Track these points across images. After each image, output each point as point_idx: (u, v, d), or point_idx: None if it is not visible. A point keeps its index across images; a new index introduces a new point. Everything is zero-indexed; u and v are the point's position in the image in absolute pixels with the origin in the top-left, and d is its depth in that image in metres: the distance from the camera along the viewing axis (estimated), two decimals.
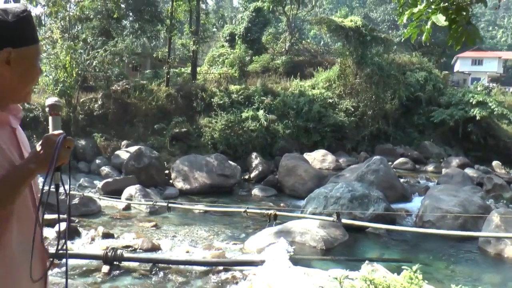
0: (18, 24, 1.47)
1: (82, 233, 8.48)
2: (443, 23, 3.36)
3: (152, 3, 24.00)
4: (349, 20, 23.58)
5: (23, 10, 1.50)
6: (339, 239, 8.16)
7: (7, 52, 1.44)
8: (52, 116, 1.61)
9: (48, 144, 1.44)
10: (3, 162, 1.44)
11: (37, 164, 1.43)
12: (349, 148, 21.00)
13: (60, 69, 18.12)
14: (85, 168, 15.85)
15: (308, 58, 31.61)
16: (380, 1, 52.49)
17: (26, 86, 1.55)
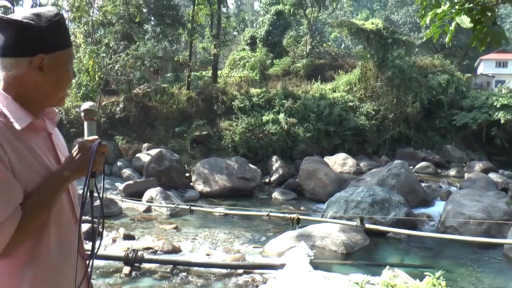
0: (51, 29, 1.46)
1: (104, 234, 8.54)
2: (467, 24, 3.30)
3: (173, 7, 24.20)
4: (370, 23, 23.43)
5: (56, 14, 1.49)
6: (360, 243, 8.08)
7: (39, 58, 1.44)
8: (87, 121, 1.60)
9: (83, 150, 1.45)
10: (40, 168, 1.45)
11: (72, 171, 1.45)
12: (370, 152, 20.84)
13: (83, 73, 18.40)
14: (107, 170, 16.02)
15: (329, 61, 31.49)
16: (402, 3, 51.98)
17: (60, 91, 1.55)
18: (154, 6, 23.39)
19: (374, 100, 22.46)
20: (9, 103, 1.45)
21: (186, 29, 24.54)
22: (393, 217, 8.99)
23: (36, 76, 1.45)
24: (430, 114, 23.57)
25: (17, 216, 1.33)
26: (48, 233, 1.46)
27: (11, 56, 1.44)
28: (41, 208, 1.40)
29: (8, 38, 1.44)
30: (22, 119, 1.44)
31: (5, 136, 1.37)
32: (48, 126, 1.57)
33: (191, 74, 23.30)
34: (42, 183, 1.42)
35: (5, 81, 1.49)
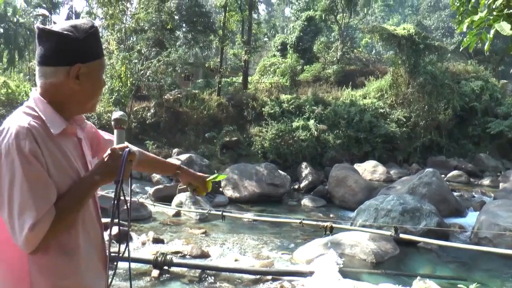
0: (87, 40, 1.57)
1: (133, 238, 8.67)
2: (508, 31, 3.20)
3: (205, 14, 24.43)
4: (402, 28, 23.10)
5: (91, 26, 1.60)
6: (390, 252, 7.96)
7: (77, 67, 1.55)
8: (117, 129, 1.69)
9: (113, 157, 1.55)
10: (71, 172, 1.57)
11: (102, 176, 1.55)
12: (401, 160, 20.50)
13: (115, 79, 18.71)
14: (137, 174, 16.18)
15: (359, 67, 31.24)
16: (434, 8, 51.19)
17: (92, 99, 1.68)
18: (186, 13, 23.66)
19: (405, 106, 22.13)
20: (46, 108, 1.56)
21: (217, 36, 24.74)
22: (424, 226, 8.82)
23: (73, 84, 1.57)
24: (463, 121, 23.06)
25: (51, 214, 1.44)
26: (76, 232, 1.58)
27: (50, 65, 1.55)
28: (72, 208, 1.51)
29: (48, 48, 1.54)
30: (57, 125, 1.55)
31: (43, 139, 1.48)
32: (79, 132, 1.69)
33: (221, 80, 23.47)
34: (74, 186, 1.54)
35: (42, 88, 1.59)
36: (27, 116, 1.52)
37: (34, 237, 1.41)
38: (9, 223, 1.43)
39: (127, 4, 24.15)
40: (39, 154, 1.45)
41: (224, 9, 24.46)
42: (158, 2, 22.58)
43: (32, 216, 1.40)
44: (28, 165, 1.42)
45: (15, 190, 1.41)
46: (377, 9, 57.82)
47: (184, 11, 23.63)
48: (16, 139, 1.43)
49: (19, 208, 1.41)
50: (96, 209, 1.73)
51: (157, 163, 2.26)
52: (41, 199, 1.43)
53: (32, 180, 1.42)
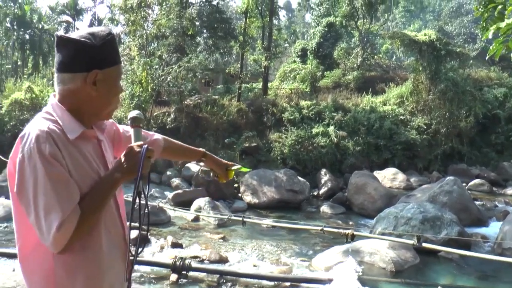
0: (104, 47, 1.61)
1: (152, 242, 8.73)
2: None
3: (226, 20, 24.56)
4: (423, 34, 22.85)
5: (108, 33, 1.64)
6: (410, 261, 7.86)
7: (94, 73, 1.59)
8: (133, 128, 1.74)
9: (132, 154, 1.58)
10: (91, 173, 1.61)
11: (122, 173, 1.58)
12: (421, 167, 20.20)
13: (136, 84, 18.93)
14: (157, 179, 16.36)
15: (379, 73, 31.02)
16: (456, 14, 50.72)
17: (110, 105, 1.71)
18: (207, 19, 23.81)
19: (426, 114, 21.85)
20: (63, 114, 1.60)
21: (237, 42, 24.83)
22: (445, 236, 8.68)
23: (90, 90, 1.60)
24: (485, 129, 22.65)
25: (76, 214, 1.48)
26: (98, 231, 1.62)
27: (68, 71, 1.60)
28: (95, 207, 1.55)
29: (66, 55, 1.59)
30: (74, 130, 1.59)
31: (62, 142, 1.53)
32: (98, 133, 1.73)
33: (241, 86, 23.54)
34: (96, 185, 1.58)
35: (60, 94, 1.64)
36: (46, 121, 1.57)
37: (61, 236, 1.45)
38: (36, 224, 1.47)
39: (149, 10, 24.48)
40: (59, 156, 1.50)
41: (244, 15, 24.59)
42: (179, 9, 22.82)
43: (58, 216, 1.44)
44: (50, 167, 1.46)
45: (39, 192, 1.45)
46: (398, 15, 57.52)
47: (205, 17, 23.80)
48: (37, 143, 1.47)
49: (45, 209, 1.45)
50: (118, 209, 1.75)
51: (182, 150, 2.32)
52: (65, 199, 1.47)
53: (54, 181, 1.46)
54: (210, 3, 25.27)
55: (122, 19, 24.82)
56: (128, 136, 1.91)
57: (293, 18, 74.22)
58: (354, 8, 29.94)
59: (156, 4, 25.10)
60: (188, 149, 2.33)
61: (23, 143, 1.50)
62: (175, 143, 2.26)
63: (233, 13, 35.82)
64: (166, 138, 2.19)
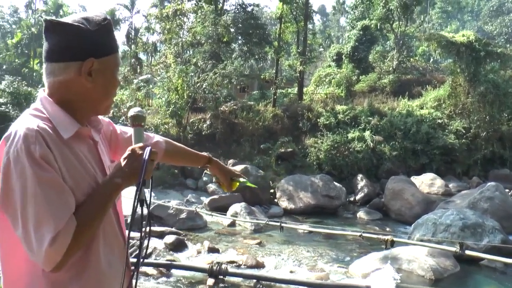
0: (99, 33, 1.43)
1: (189, 246, 8.83)
2: None
3: (260, 26, 24.70)
4: (461, 35, 22.33)
5: (104, 19, 1.46)
6: (450, 269, 7.68)
7: (90, 62, 1.40)
8: (134, 127, 1.56)
9: (133, 157, 1.41)
10: (88, 178, 1.42)
11: (123, 179, 1.40)
12: (460, 172, 19.65)
13: (172, 92, 19.21)
14: (193, 185, 16.54)
15: (416, 76, 30.56)
16: (497, 13, 49.39)
17: (107, 98, 1.52)
18: (241, 25, 24.01)
19: (465, 117, 21.29)
20: (55, 110, 1.41)
21: (272, 47, 24.94)
22: (487, 243, 8.42)
23: (85, 82, 1.42)
24: None
25: (72, 226, 1.28)
26: (97, 244, 1.43)
27: (60, 60, 1.41)
28: (93, 217, 1.35)
29: (57, 42, 1.40)
30: (69, 127, 1.40)
31: (54, 143, 1.33)
32: (94, 134, 1.53)
33: (277, 91, 23.60)
34: (94, 192, 1.39)
35: (50, 87, 1.44)
36: (35, 118, 1.37)
37: (55, 252, 1.24)
38: (24, 239, 1.26)
39: (184, 18, 24.86)
40: (51, 158, 1.30)
41: (279, 21, 24.71)
42: (214, 16, 23.09)
43: (51, 228, 1.24)
44: (41, 171, 1.26)
45: (28, 201, 1.25)
46: (434, 16, 56.41)
47: (240, 23, 24.00)
48: (25, 144, 1.27)
49: (35, 221, 1.24)
50: (117, 218, 1.57)
51: (186, 154, 2.11)
52: (59, 208, 1.27)
53: (46, 187, 1.26)
54: (245, 9, 25.49)
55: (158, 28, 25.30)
56: (126, 138, 1.74)
57: (328, 22, 73.91)
58: (389, 11, 29.64)
59: (191, 12, 25.52)
60: (192, 154, 2.12)
61: (8, 145, 1.29)
62: (178, 147, 2.06)
63: (267, 18, 35.98)
64: (168, 140, 1.98)
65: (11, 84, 19.77)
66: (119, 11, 46.14)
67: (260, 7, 32.73)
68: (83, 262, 1.38)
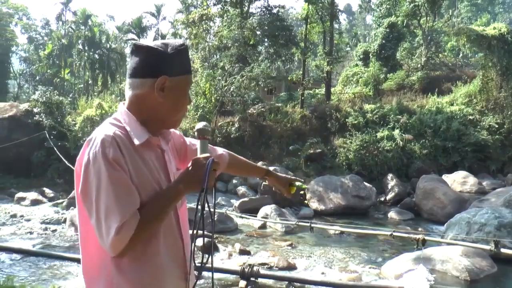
0: (175, 56, 1.63)
1: (220, 249, 8.92)
2: None
3: (286, 28, 24.67)
4: (492, 28, 21.80)
5: (181, 44, 1.67)
6: (486, 270, 7.50)
7: (163, 79, 1.60)
8: (200, 140, 1.73)
9: (197, 166, 1.58)
10: (152, 181, 1.62)
11: (186, 185, 1.59)
12: (494, 170, 19.10)
13: (200, 96, 19.43)
14: (223, 188, 16.67)
15: (445, 72, 30.05)
16: None
17: (176, 114, 1.71)
18: (267, 27, 24.02)
19: (497, 112, 20.75)
20: (131, 120, 1.63)
21: (299, 48, 24.90)
22: None
23: (158, 96, 1.61)
24: None
25: (136, 219, 1.49)
26: (157, 241, 1.62)
27: (138, 76, 1.62)
28: (155, 216, 1.55)
29: (138, 61, 1.62)
30: (140, 135, 1.61)
31: (126, 148, 1.55)
32: (162, 143, 1.73)
33: (304, 92, 23.57)
34: (157, 195, 1.59)
35: (129, 100, 1.66)
36: (113, 126, 1.60)
37: (119, 240, 1.46)
38: (97, 227, 1.49)
39: (210, 23, 25.07)
40: (122, 161, 1.52)
41: (305, 21, 24.66)
42: (240, 19, 23.19)
43: (117, 219, 1.45)
44: (113, 170, 1.48)
45: (101, 194, 1.47)
46: (463, 10, 55.35)
47: (266, 26, 24.02)
48: (102, 147, 1.50)
49: (106, 212, 1.46)
50: (177, 220, 1.74)
51: (246, 167, 2.31)
52: (126, 203, 1.49)
53: (116, 184, 1.48)
54: (271, 11, 25.51)
55: (185, 33, 25.57)
56: (194, 149, 1.91)
57: (354, 21, 73.39)
58: (416, 6, 29.24)
59: (217, 17, 25.71)
60: (252, 167, 2.34)
61: (89, 147, 1.53)
62: (240, 160, 2.27)
63: (293, 20, 35.94)
64: (231, 153, 2.21)
65: (44, 94, 20.25)
66: (145, 18, 46.93)
67: (286, 8, 32.68)
68: (142, 255, 1.57)
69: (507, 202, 10.95)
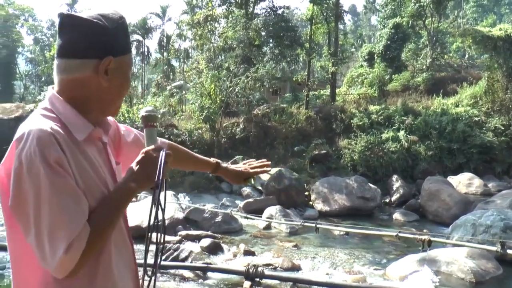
0: (117, 32, 1.39)
1: (225, 249, 8.94)
2: None
3: (291, 28, 24.70)
4: (498, 29, 21.73)
5: (121, 17, 1.42)
6: (491, 272, 7.48)
7: (108, 60, 1.36)
8: (147, 128, 1.48)
9: (148, 160, 1.36)
10: (99, 182, 1.36)
11: (138, 183, 1.35)
12: (499, 172, 18.99)
13: (205, 97, 19.46)
14: (227, 189, 16.68)
15: (450, 73, 29.98)
16: None
17: (119, 98, 1.48)
18: (272, 28, 24.07)
19: (503, 114, 20.67)
20: (66, 110, 1.35)
21: (304, 49, 24.93)
22: None
23: (102, 80, 1.36)
24: None
25: (87, 231, 1.23)
26: (108, 250, 1.38)
27: (76, 57, 1.35)
28: (107, 223, 1.30)
29: (74, 38, 1.34)
30: (82, 128, 1.36)
31: (67, 146, 1.28)
32: (103, 136, 1.48)
33: (309, 93, 23.58)
34: (106, 198, 1.34)
35: (62, 85, 1.38)
36: (46, 119, 1.30)
37: (69, 260, 1.20)
38: (37, 247, 1.21)
39: (215, 24, 25.12)
40: (65, 163, 1.24)
41: (310, 22, 24.68)
42: (245, 20, 23.24)
43: (66, 236, 1.19)
44: (56, 176, 1.21)
45: (42, 208, 1.19)
46: (469, 11, 55.20)
47: (271, 27, 24.07)
48: (39, 147, 1.20)
49: (49, 228, 1.19)
50: (126, 225, 1.52)
51: (191, 159, 2.01)
52: (74, 215, 1.22)
53: (61, 194, 1.21)
54: (275, 12, 25.57)
55: (190, 34, 25.67)
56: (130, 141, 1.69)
57: (359, 22, 73.34)
58: (421, 7, 29.21)
59: (222, 17, 25.79)
60: (198, 160, 2.03)
61: (20, 148, 1.22)
62: (183, 151, 1.96)
63: (298, 20, 35.95)
64: (171, 143, 1.89)
65: None
66: (150, 19, 46.99)
67: (291, 9, 32.74)
68: (94, 269, 1.34)
69: None
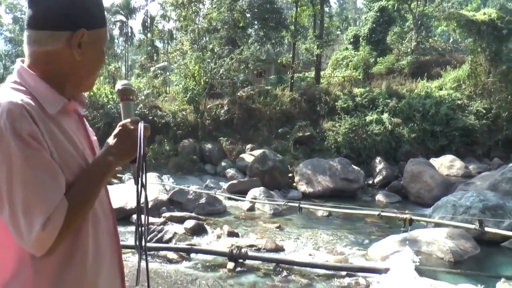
0: (91, 3, 1.34)
1: (209, 231, 8.95)
2: None
3: (277, 10, 24.53)
4: (482, 13, 21.77)
5: None
6: (470, 252, 7.63)
7: (81, 33, 1.30)
8: (123, 102, 1.44)
9: (126, 133, 1.33)
10: (77, 156, 1.31)
11: (116, 157, 1.31)
12: (480, 154, 19.28)
13: (189, 78, 19.31)
14: (211, 170, 16.69)
15: (435, 57, 30.10)
16: None
17: (93, 73, 1.42)
18: (257, 10, 23.86)
19: (485, 97, 20.88)
20: (37, 83, 1.29)
21: (289, 31, 24.81)
22: (508, 225, 8.34)
23: (75, 53, 1.31)
24: None
25: (64, 208, 1.18)
26: (86, 227, 1.32)
27: (48, 28, 1.29)
28: (86, 198, 1.26)
29: (45, 8, 1.28)
30: (54, 102, 1.29)
31: (40, 118, 1.22)
32: (80, 108, 1.43)
33: (294, 76, 23.52)
34: (85, 171, 1.29)
35: (33, 58, 1.32)
36: (17, 92, 1.25)
37: (47, 236, 1.15)
38: (12, 224, 1.15)
39: (200, 5, 24.84)
40: (39, 136, 1.18)
41: (295, 4, 24.50)
42: (230, 1, 23.03)
43: (42, 211, 1.14)
44: (29, 149, 1.15)
45: (15, 183, 1.14)
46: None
47: (256, 8, 23.86)
48: (9, 120, 1.15)
49: (24, 204, 1.14)
50: (108, 198, 1.47)
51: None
52: (50, 190, 1.17)
53: (35, 167, 1.16)
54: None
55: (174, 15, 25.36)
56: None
57: (345, 5, 73.07)
58: None
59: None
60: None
61: None
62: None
63: (283, 2, 35.68)
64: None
65: None
66: None
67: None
68: (72, 247, 1.28)
69: (492, 186, 11.10)
